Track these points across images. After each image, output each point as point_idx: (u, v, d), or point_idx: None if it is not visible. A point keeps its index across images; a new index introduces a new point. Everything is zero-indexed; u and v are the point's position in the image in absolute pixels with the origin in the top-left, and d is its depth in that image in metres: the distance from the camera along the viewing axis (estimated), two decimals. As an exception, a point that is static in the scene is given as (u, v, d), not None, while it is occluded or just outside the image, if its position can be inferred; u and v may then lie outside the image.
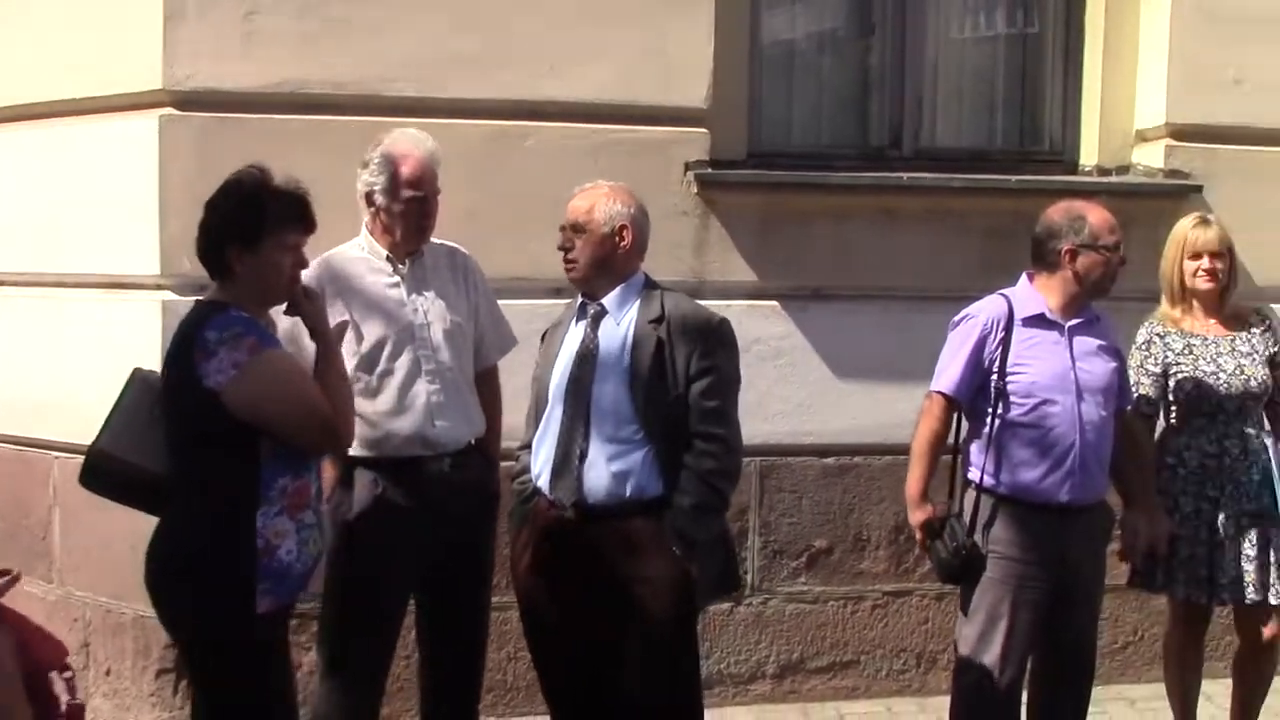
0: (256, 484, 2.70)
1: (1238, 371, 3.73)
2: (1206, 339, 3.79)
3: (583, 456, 3.10)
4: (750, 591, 4.57)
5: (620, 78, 4.34)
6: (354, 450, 3.18)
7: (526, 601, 3.30)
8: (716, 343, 3.14)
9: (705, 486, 3.09)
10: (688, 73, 4.37)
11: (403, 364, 3.30)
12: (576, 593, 3.15)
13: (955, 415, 3.50)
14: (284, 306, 2.90)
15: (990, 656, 3.43)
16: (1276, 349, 3.83)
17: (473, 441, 3.42)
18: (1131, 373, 3.78)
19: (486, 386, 3.54)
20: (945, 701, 3.66)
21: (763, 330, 4.49)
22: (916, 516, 3.49)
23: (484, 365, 3.54)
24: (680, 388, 3.09)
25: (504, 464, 3.56)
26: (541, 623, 3.27)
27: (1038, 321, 3.47)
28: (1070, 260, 3.44)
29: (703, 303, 3.37)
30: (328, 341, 2.91)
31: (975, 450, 3.49)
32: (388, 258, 3.35)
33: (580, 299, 3.24)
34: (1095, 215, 3.45)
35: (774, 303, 4.52)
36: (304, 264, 2.86)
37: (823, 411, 4.57)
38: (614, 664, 3.16)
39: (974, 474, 3.49)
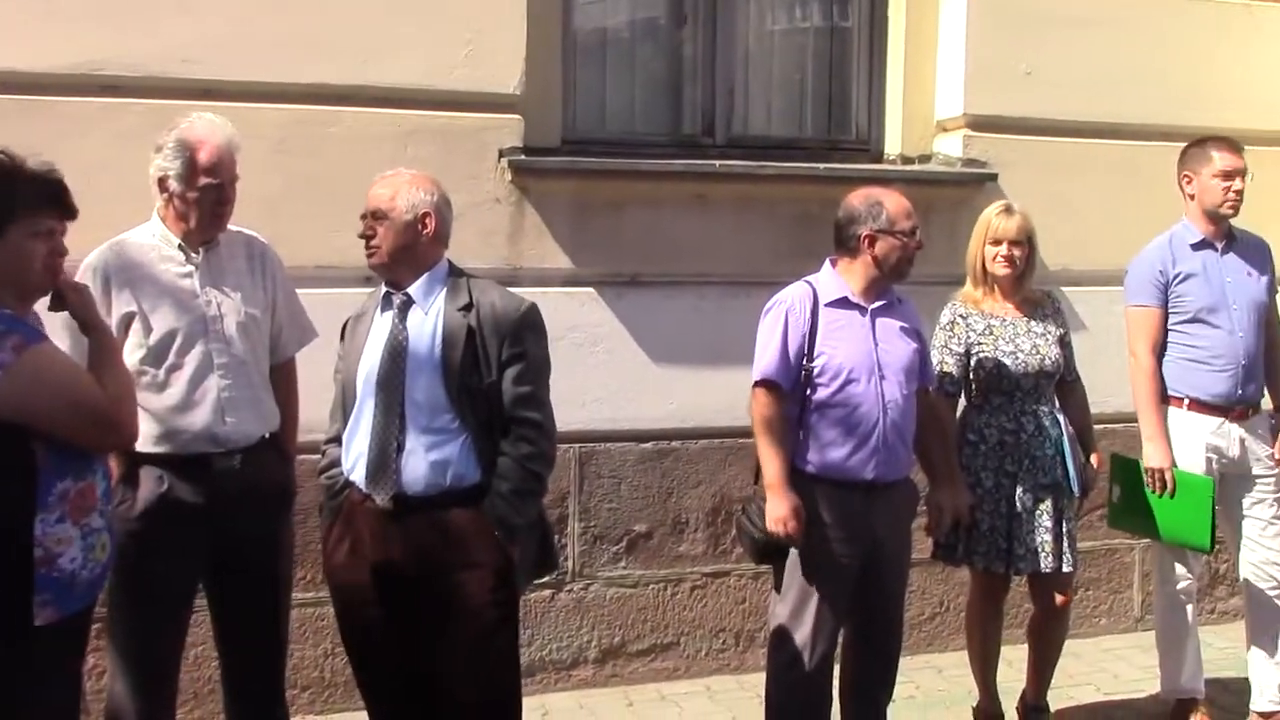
0: (32, 491, 2.53)
1: (1033, 352, 3.91)
2: (1005, 320, 3.96)
3: (400, 448, 3.06)
4: (571, 577, 4.59)
5: (431, 63, 4.28)
6: (140, 446, 3.04)
7: (342, 596, 3.23)
8: (526, 328, 3.13)
9: (523, 471, 3.09)
10: (500, 59, 4.34)
11: (193, 358, 3.18)
12: (395, 585, 3.11)
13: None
14: (49, 300, 2.72)
15: (803, 632, 3.52)
16: (1065, 330, 4.04)
17: (266, 436, 3.33)
18: (935, 352, 3.92)
19: (283, 380, 3.45)
20: (763, 678, 3.73)
21: (579, 317, 4.50)
22: (782, 506, 3.45)
23: (281, 358, 3.45)
24: (493, 375, 3.07)
25: (306, 457, 3.50)
26: (358, 617, 3.20)
27: (841, 305, 3.57)
28: (869, 245, 3.54)
29: (518, 290, 3.35)
30: (100, 333, 2.76)
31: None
32: (180, 246, 3.22)
33: (384, 289, 3.19)
34: (892, 201, 3.56)
35: (590, 289, 4.53)
36: (62, 252, 2.67)
37: (640, 397, 4.61)
38: (434, 655, 3.12)
39: (784, 455, 3.56)
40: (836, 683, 3.72)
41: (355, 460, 3.13)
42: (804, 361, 3.51)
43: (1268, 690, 4.24)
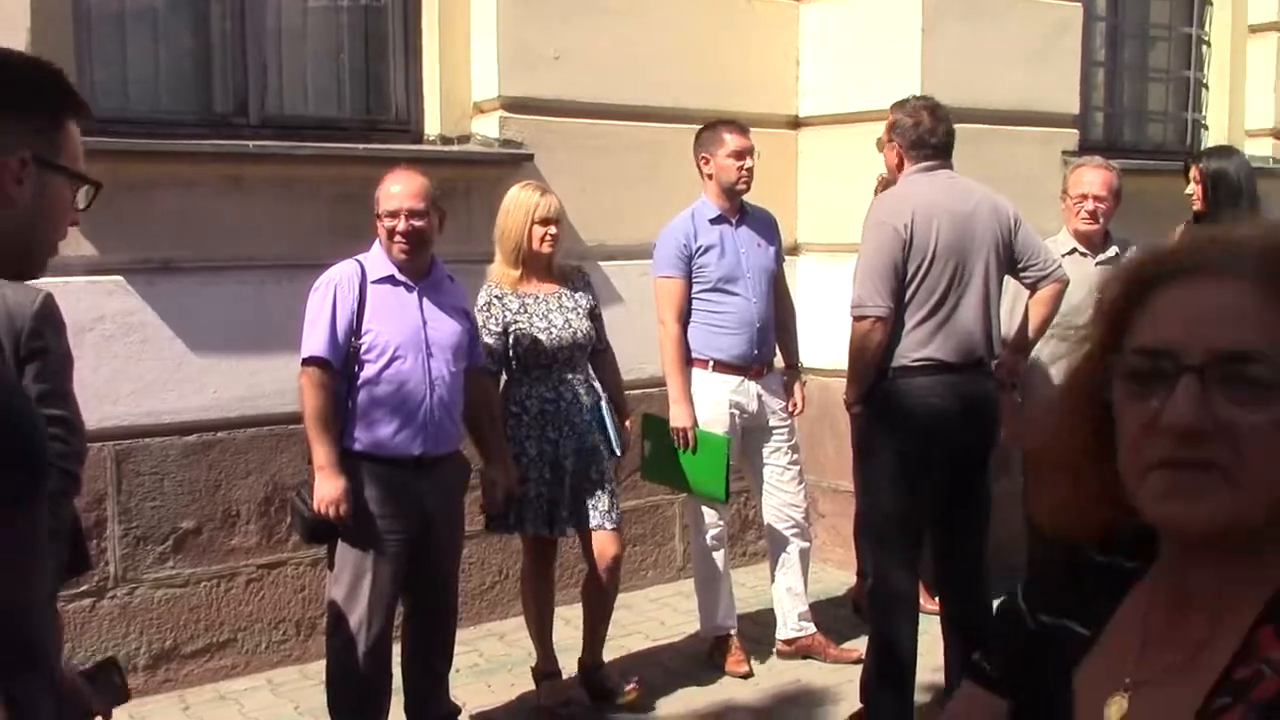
0: None
1: (566, 326, 4.10)
2: (539, 297, 4.12)
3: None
4: (113, 583, 4.32)
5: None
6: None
7: None
8: (44, 321, 2.92)
9: (57, 472, 2.88)
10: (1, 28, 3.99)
11: None
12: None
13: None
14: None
15: (359, 611, 3.53)
16: (595, 303, 4.27)
17: None
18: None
19: None
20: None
21: (107, 307, 4.24)
22: (330, 487, 3.46)
23: None
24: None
25: None
26: None
27: (389, 282, 3.60)
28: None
29: (34, 282, 3.11)
30: None
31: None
32: None
33: None
34: (382, 186, 3.65)
35: (118, 277, 4.27)
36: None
37: (180, 388, 4.41)
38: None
39: (333, 434, 3.55)
40: (398, 657, 3.77)
41: None
42: (352, 339, 3.51)
43: (790, 620, 4.72)
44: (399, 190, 3.59)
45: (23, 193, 1.62)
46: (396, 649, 3.78)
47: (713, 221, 4.53)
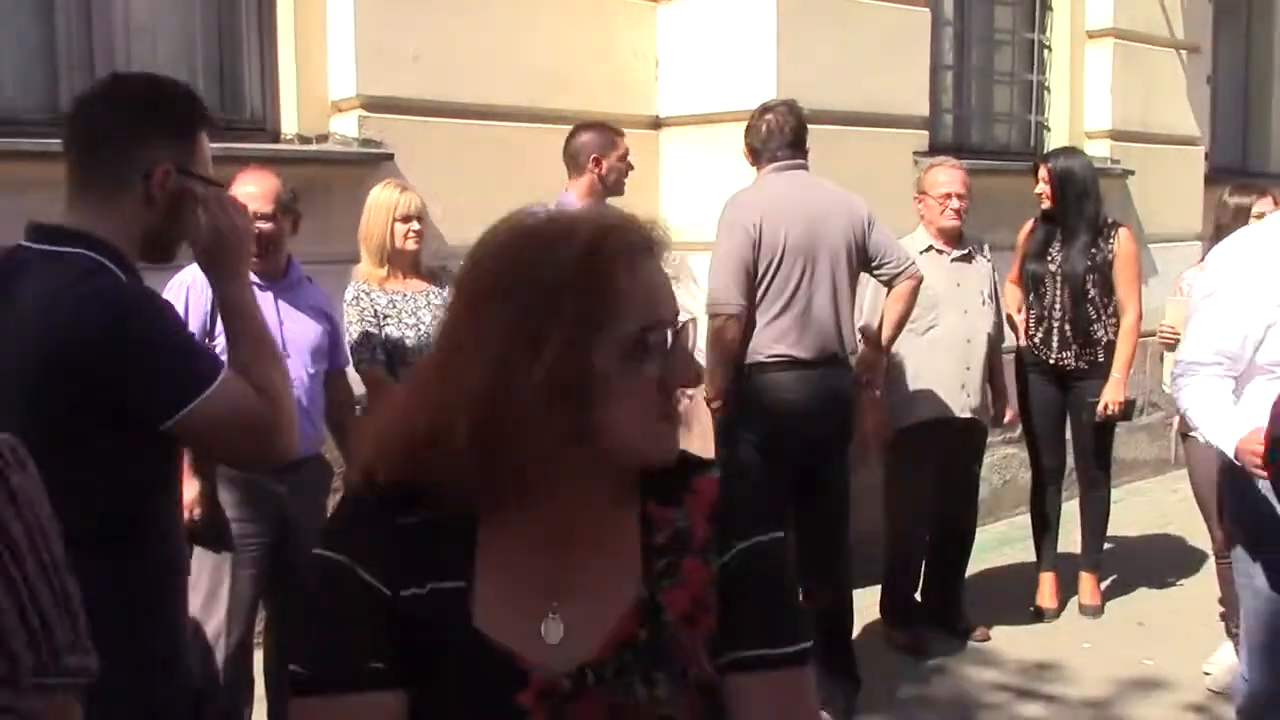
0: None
1: (435, 323, 4.09)
2: (407, 295, 4.10)
3: None
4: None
5: None
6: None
7: None
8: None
9: None
10: None
11: None
12: None
13: None
14: None
15: (216, 619, 3.48)
16: (459, 300, 4.26)
17: None
18: (355, 326, 3.98)
19: None
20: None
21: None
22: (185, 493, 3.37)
23: None
24: None
25: None
26: None
27: (242, 286, 3.54)
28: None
29: None
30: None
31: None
32: None
33: None
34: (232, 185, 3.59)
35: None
36: None
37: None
38: None
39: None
40: (260, 665, 3.72)
41: None
42: (206, 341, 3.45)
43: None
44: (248, 192, 3.54)
45: (165, 195, 2.03)
46: (258, 656, 3.74)
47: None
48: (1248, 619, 3.08)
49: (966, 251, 4.98)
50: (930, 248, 4.91)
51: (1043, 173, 5.31)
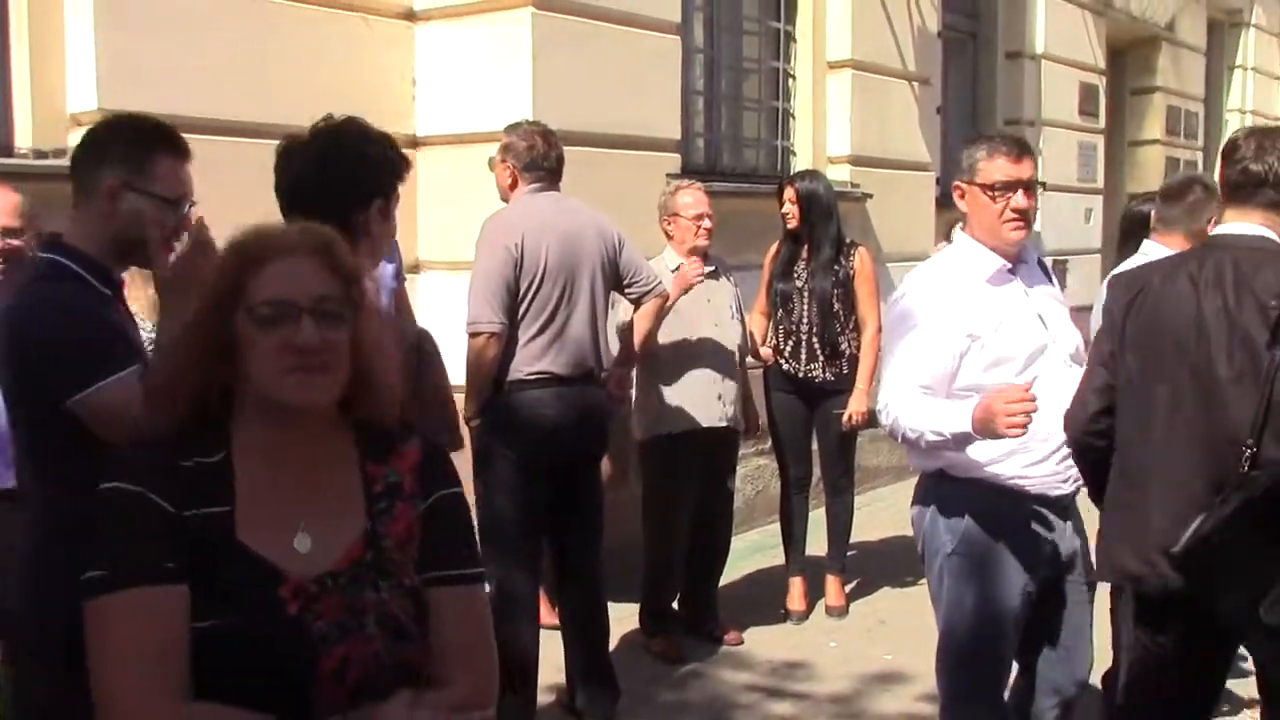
0: None
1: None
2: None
3: None
4: None
5: None
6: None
7: None
8: None
9: None
10: None
11: None
12: None
13: None
14: None
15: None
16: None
17: None
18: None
19: None
20: None
21: None
22: None
23: None
24: None
25: None
26: None
27: None
28: None
29: None
30: None
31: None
32: None
33: None
34: None
35: None
36: None
37: None
38: None
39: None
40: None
41: None
42: None
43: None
44: None
45: (118, 208, 2.47)
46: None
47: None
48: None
49: (714, 269, 5.19)
50: (680, 266, 5.09)
51: (789, 193, 5.58)
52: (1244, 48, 15.33)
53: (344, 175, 2.58)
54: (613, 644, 4.68)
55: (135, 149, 2.52)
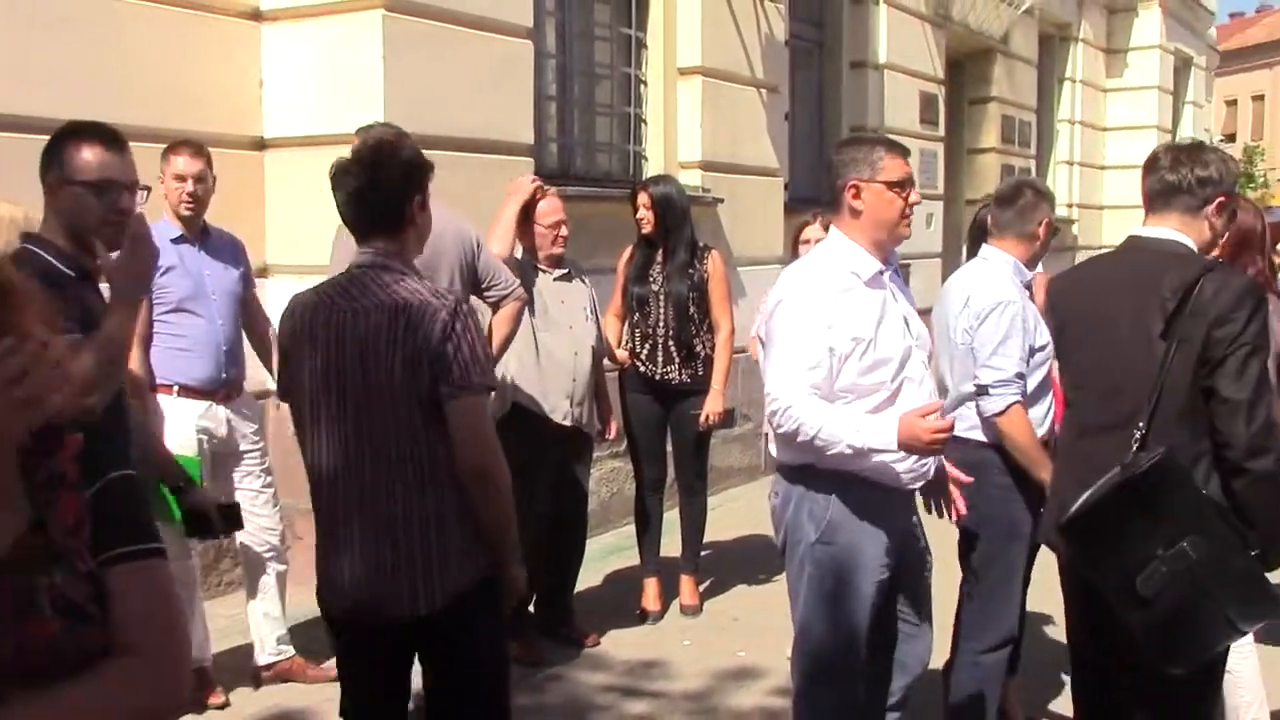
0: None
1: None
2: None
3: None
4: None
5: None
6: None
7: None
8: None
9: None
10: None
11: None
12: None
13: None
14: None
15: None
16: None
17: None
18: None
19: None
20: None
21: None
22: None
23: None
24: None
25: None
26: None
27: None
28: None
29: None
30: None
31: None
32: None
33: None
34: None
35: None
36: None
37: None
38: None
39: None
40: None
41: None
42: None
43: (267, 645, 4.69)
44: None
45: (60, 201, 3.02)
46: None
47: (174, 241, 4.42)
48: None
49: (566, 271, 5.22)
50: (536, 268, 5.10)
51: (644, 198, 5.63)
52: (1073, 60, 16.05)
53: (392, 181, 2.92)
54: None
55: (64, 144, 3.02)
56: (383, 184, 2.91)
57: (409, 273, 2.92)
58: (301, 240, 5.62)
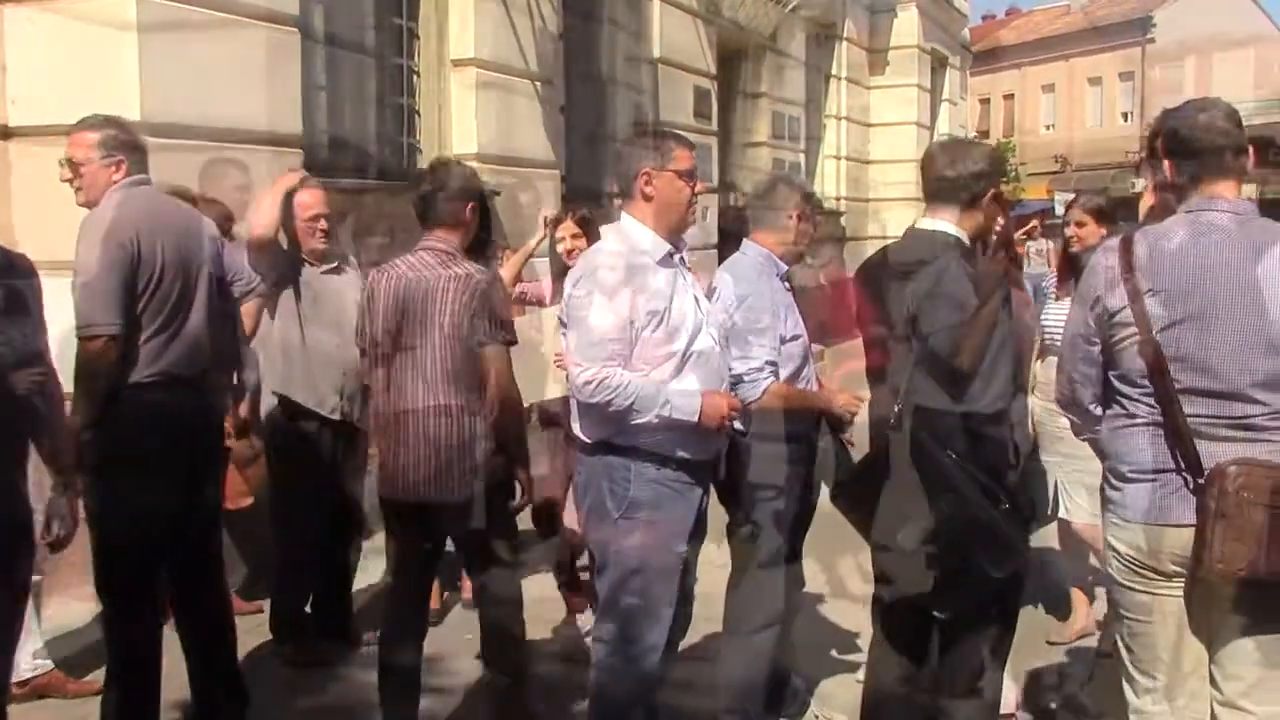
0: None
1: None
2: None
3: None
4: None
5: None
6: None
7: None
8: None
9: None
10: None
11: None
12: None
13: None
14: None
15: None
16: None
17: None
18: None
19: None
20: None
21: None
22: None
23: None
24: None
25: None
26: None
27: None
28: None
29: None
30: None
31: None
32: None
33: None
34: None
35: None
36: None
37: None
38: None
39: None
40: None
41: None
42: None
43: (23, 660, 4.44)
44: None
45: None
46: None
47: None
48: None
49: (335, 264, 5.11)
50: (302, 260, 4.99)
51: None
52: (838, 59, 16.69)
53: (455, 192, 3.99)
54: (241, 651, 4.54)
55: None
56: (450, 196, 4.00)
57: (457, 255, 3.98)
58: (50, 234, 5.32)
